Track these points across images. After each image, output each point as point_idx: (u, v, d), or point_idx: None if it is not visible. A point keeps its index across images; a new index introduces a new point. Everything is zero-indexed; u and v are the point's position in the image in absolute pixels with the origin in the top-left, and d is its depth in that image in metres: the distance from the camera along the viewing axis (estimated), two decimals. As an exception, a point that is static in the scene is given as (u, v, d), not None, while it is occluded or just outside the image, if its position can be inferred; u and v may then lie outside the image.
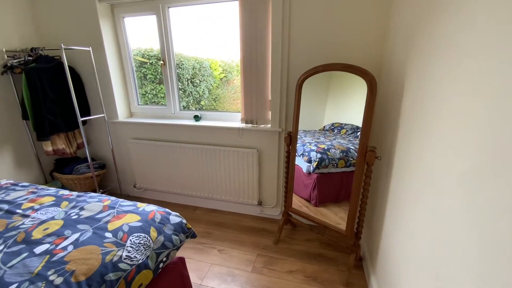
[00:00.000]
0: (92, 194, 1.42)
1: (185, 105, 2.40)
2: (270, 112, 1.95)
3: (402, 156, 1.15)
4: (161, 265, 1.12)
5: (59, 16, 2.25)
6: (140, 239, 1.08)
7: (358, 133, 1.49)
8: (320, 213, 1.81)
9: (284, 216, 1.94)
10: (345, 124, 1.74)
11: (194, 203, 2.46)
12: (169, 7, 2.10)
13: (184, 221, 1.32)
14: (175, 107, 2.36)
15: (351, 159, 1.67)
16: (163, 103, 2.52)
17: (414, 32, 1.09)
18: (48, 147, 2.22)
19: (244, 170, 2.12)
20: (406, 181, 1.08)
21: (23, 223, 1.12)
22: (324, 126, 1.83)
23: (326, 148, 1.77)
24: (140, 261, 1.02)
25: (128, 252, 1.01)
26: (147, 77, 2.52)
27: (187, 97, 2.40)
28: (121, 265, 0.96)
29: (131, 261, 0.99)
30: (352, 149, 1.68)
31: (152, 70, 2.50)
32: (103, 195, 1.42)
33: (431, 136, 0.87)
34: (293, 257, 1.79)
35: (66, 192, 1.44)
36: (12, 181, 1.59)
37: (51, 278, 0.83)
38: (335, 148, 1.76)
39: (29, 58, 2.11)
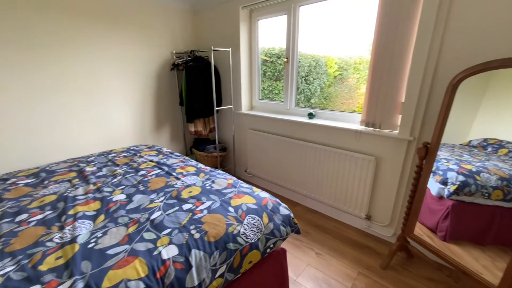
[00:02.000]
0: (219, 171, 1.69)
1: (296, 102, 2.44)
2: (400, 116, 1.66)
3: None
4: (268, 250, 1.19)
5: (211, 23, 2.79)
6: (255, 220, 1.18)
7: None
8: (450, 251, 1.40)
9: (399, 241, 1.63)
10: (507, 143, 1.24)
11: (295, 198, 2.50)
12: (300, 6, 2.15)
13: (292, 215, 1.34)
14: (291, 103, 2.43)
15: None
16: (277, 99, 2.66)
17: None
18: (191, 128, 2.85)
19: (356, 177, 1.92)
20: None
21: (176, 184, 1.48)
22: (470, 141, 1.38)
23: (474, 170, 1.33)
24: (253, 241, 1.12)
25: (245, 229, 1.13)
26: (266, 74, 2.73)
27: (299, 94, 2.42)
28: (239, 239, 1.09)
29: (246, 238, 1.11)
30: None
31: (271, 68, 2.68)
32: (226, 174, 1.66)
33: None
34: (406, 293, 1.48)
35: (202, 165, 1.78)
36: (169, 151, 2.13)
37: (192, 232, 1.05)
38: (489, 172, 1.29)
39: (188, 58, 2.74)
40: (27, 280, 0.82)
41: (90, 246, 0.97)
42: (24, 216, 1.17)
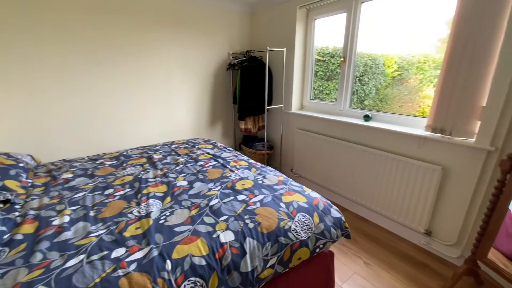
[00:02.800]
0: (269, 168, 1.74)
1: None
2: (479, 122, 1.45)
3: None
4: (317, 250, 1.19)
5: (266, 24, 2.86)
6: (305, 219, 1.20)
7: None
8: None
9: (468, 264, 1.44)
10: None
11: (342, 203, 2.40)
12: (362, 2, 2.06)
13: (343, 218, 1.31)
14: (345, 104, 2.35)
15: None
16: (327, 99, 2.60)
17: None
18: (242, 125, 2.98)
19: (416, 187, 1.76)
20: None
21: (230, 176, 1.58)
22: None
23: None
24: (303, 238, 1.14)
25: (296, 226, 1.15)
26: (317, 74, 2.68)
27: (352, 96, 2.31)
28: (290, 234, 1.11)
29: (296, 234, 1.13)
30: None
31: (323, 67, 2.61)
32: (276, 171, 1.70)
33: None
34: (474, 324, 1.30)
35: (253, 161, 1.86)
36: (223, 145, 2.27)
37: (246, 221, 1.12)
38: None
39: (244, 58, 2.86)
40: (115, 242, 0.99)
41: (161, 222, 1.12)
42: (110, 190, 1.41)
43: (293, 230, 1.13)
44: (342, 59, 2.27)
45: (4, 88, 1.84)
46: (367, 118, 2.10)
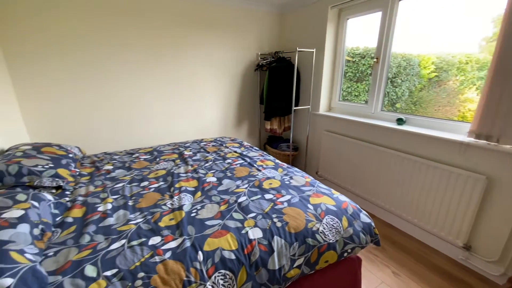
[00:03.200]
0: (296, 169, 1.73)
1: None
2: (535, 129, 1.32)
3: None
4: (345, 254, 1.17)
5: (296, 25, 2.85)
6: (334, 222, 1.18)
7: None
8: None
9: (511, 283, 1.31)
10: None
11: (370, 209, 2.31)
12: (399, 0, 1.97)
13: (373, 224, 1.27)
14: (376, 107, 2.26)
15: None
16: (356, 101, 2.52)
17: None
18: (267, 125, 3.00)
19: (455, 197, 1.64)
20: None
21: (257, 174, 1.61)
22: None
23: None
24: (331, 241, 1.12)
25: (323, 228, 1.14)
26: (346, 75, 2.60)
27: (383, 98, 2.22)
28: (317, 236, 1.11)
29: (324, 236, 1.12)
30: None
31: (353, 68, 2.54)
32: (303, 172, 1.69)
33: None
34: None
35: (279, 161, 1.87)
36: (249, 144, 2.31)
37: (274, 220, 1.13)
38: None
39: (272, 59, 2.88)
40: (151, 231, 1.06)
41: (192, 215, 1.17)
42: (146, 183, 1.51)
43: (321, 232, 1.12)
44: (375, 60, 2.19)
45: (61, 86, 2.05)
46: (400, 121, 2.01)
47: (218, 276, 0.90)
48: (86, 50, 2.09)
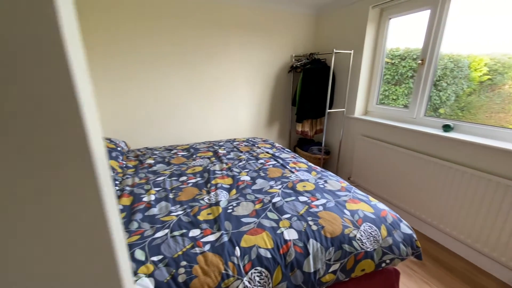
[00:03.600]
0: (330, 172, 1.70)
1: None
2: None
3: None
4: (382, 265, 1.12)
5: (333, 26, 2.79)
6: (372, 230, 1.14)
7: None
8: None
9: None
10: None
11: (409, 221, 2.16)
12: (452, -3, 1.82)
13: (415, 236, 1.19)
14: (419, 112, 2.11)
15: None
16: (393, 104, 2.38)
17: None
18: (299, 127, 2.97)
19: (511, 214, 1.47)
20: None
21: (290, 176, 1.61)
22: None
23: None
24: (368, 250, 1.08)
25: (361, 236, 1.10)
26: (384, 78, 2.47)
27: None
28: (354, 243, 1.08)
29: (362, 244, 1.08)
30: None
31: (392, 70, 2.40)
32: (338, 176, 1.65)
33: None
34: None
35: (312, 164, 1.84)
36: (281, 146, 2.32)
37: (310, 223, 1.12)
38: None
39: (307, 60, 2.85)
40: (191, 223, 1.12)
41: (229, 211, 1.21)
42: (184, 178, 1.59)
43: (358, 239, 1.09)
44: (419, 61, 2.06)
45: (112, 85, 2.26)
46: (447, 128, 1.85)
47: (254, 272, 0.92)
48: (136, 52, 2.28)
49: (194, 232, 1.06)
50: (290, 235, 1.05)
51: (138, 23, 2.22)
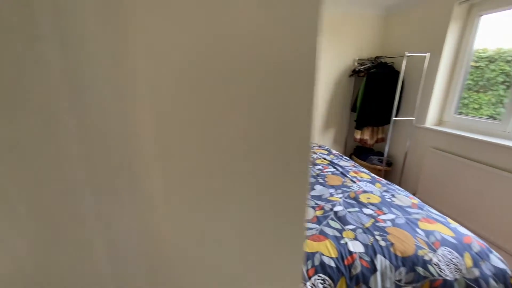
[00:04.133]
0: (398, 186, 1.56)
1: None
2: None
3: None
4: (465, 298, 0.98)
5: (404, 27, 2.55)
6: (452, 256, 1.01)
7: None
8: None
9: None
10: None
11: (490, 252, 1.84)
12: None
13: (510, 272, 1.01)
14: (515, 124, 1.78)
15: None
16: (474, 115, 2.05)
17: None
18: (357, 135, 2.81)
19: None
20: None
21: (352, 186, 1.54)
22: None
23: None
24: (448, 278, 0.96)
25: (438, 260, 0.99)
26: (465, 83, 2.14)
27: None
28: (430, 268, 0.97)
29: (440, 270, 0.97)
30: None
31: (475, 75, 2.06)
32: (406, 191, 1.50)
33: None
34: None
35: (375, 175, 1.72)
36: (338, 153, 2.23)
37: (377, 237, 1.06)
38: None
39: (371, 64, 2.68)
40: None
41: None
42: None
43: (435, 264, 0.98)
44: (521, 65, 1.73)
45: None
46: (558, 147, 1.51)
47: (318, 279, 0.91)
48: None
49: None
50: (356, 247, 1.01)
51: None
